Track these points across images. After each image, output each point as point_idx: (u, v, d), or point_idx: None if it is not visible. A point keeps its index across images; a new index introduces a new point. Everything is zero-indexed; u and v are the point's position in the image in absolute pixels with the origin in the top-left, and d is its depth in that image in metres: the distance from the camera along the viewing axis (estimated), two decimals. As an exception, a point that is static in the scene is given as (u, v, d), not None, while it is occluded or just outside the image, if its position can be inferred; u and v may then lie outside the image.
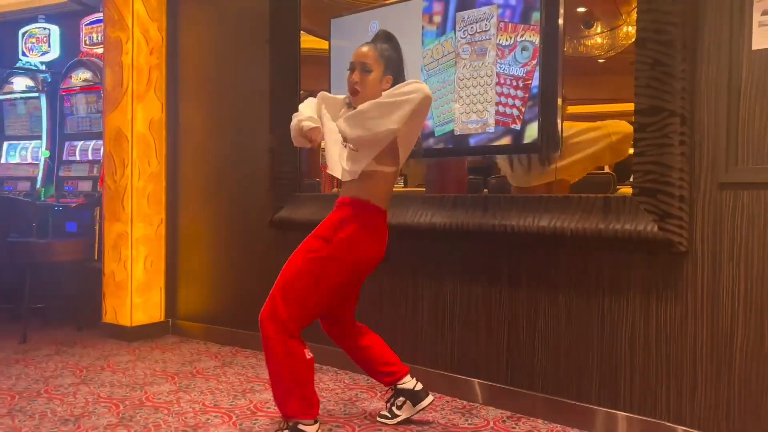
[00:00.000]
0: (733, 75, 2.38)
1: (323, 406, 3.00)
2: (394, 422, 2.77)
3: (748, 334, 2.36)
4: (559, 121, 2.82)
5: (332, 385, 3.36)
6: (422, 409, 2.77)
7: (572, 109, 3.07)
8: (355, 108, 2.46)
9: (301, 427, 2.43)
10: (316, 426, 2.47)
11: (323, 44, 3.72)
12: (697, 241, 2.47)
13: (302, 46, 3.84)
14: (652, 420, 2.58)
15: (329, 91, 2.95)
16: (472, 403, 3.07)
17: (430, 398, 2.77)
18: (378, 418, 2.83)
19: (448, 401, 3.11)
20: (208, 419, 2.84)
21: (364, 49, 2.51)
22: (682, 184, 2.47)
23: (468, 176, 3.47)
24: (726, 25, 2.40)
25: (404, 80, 2.48)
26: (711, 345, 2.45)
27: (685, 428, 2.49)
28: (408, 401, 2.76)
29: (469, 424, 2.81)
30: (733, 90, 2.38)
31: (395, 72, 2.51)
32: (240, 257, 4.22)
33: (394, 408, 2.79)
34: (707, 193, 2.45)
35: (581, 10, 3.26)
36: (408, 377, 2.76)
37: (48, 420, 2.79)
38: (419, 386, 2.76)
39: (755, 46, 2.35)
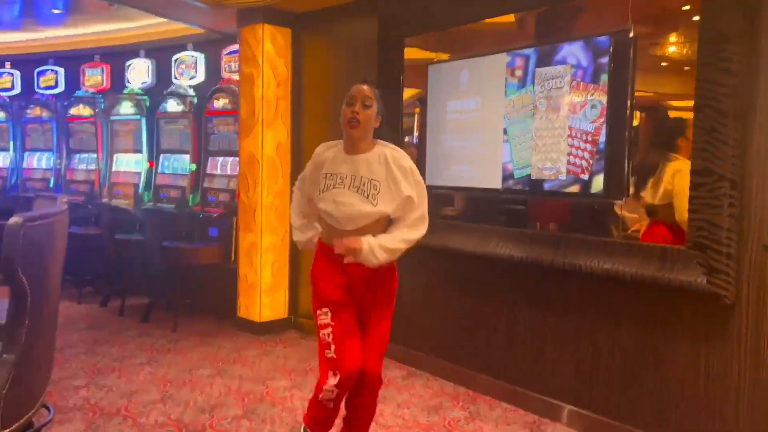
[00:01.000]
0: (781, 146, 2.56)
1: (411, 411, 3.51)
2: None
3: (786, 386, 2.57)
4: (626, 172, 3.09)
5: (421, 391, 3.85)
6: None
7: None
8: (354, 138, 2.61)
9: None
10: None
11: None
12: (743, 296, 2.69)
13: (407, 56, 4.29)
14: (698, 452, 2.85)
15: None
16: (542, 419, 3.45)
17: None
18: None
19: (521, 415, 3.50)
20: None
21: (365, 87, 2.64)
22: (730, 243, 2.69)
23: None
24: (775, 99, 2.58)
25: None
26: (752, 393, 2.68)
27: (726, 463, 2.75)
28: None
29: (534, 438, 3.21)
30: (781, 159, 2.57)
31: (383, 114, 2.70)
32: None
33: None
34: (753, 252, 2.66)
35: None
36: None
37: (190, 409, 3.51)
38: None
39: (802, 121, 2.51)
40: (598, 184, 3.14)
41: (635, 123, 3.08)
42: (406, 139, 4.40)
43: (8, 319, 1.67)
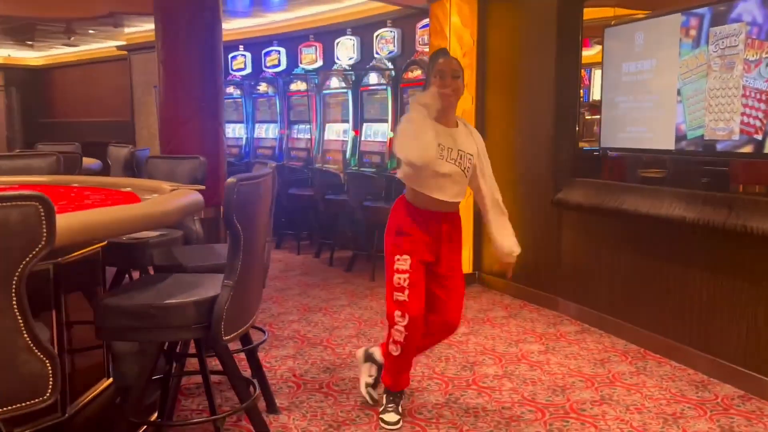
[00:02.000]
0: None
1: (577, 363, 3.74)
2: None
3: None
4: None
5: (591, 346, 4.04)
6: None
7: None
8: (448, 109, 2.79)
9: None
10: None
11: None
12: None
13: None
14: None
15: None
16: (710, 378, 3.48)
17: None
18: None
19: (689, 373, 3.56)
20: (484, 359, 3.81)
21: (453, 61, 2.86)
22: None
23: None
24: None
25: None
26: None
27: None
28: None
29: (698, 396, 3.28)
30: None
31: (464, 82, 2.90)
32: (526, 229, 5.04)
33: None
34: None
35: None
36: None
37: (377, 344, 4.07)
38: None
39: None
40: (772, 144, 3.07)
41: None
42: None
43: (228, 255, 2.25)
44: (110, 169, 6.12)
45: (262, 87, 8.45)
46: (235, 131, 8.94)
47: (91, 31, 9.26)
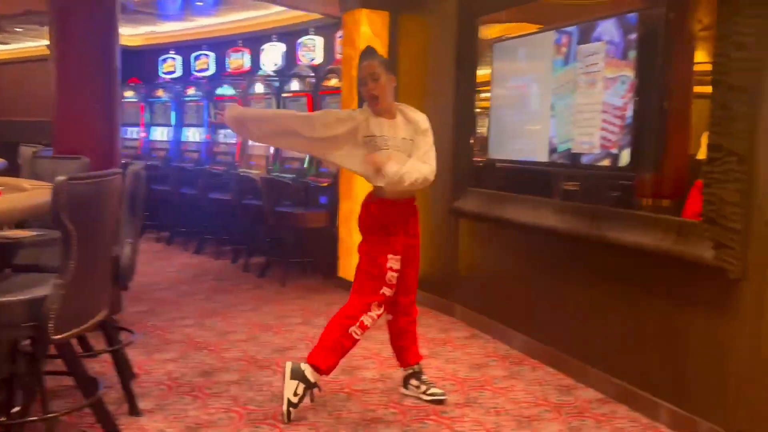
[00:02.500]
0: (786, 120, 2.52)
1: (455, 367, 3.83)
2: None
3: (782, 362, 2.56)
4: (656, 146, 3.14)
5: (475, 351, 4.14)
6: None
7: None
8: (381, 110, 3.12)
9: None
10: None
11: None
12: (749, 271, 2.69)
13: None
14: (704, 422, 2.89)
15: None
16: (577, 383, 3.60)
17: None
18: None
19: (559, 378, 3.68)
20: (366, 363, 3.87)
21: (366, 63, 3.14)
22: (736, 218, 2.69)
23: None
24: (782, 73, 2.53)
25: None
26: (752, 364, 2.68)
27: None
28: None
29: (558, 400, 3.39)
30: (785, 134, 2.53)
31: (391, 73, 3.19)
32: (426, 236, 5.12)
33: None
34: (759, 228, 2.64)
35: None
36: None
37: (266, 349, 4.10)
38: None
39: (806, 94, 2.46)
40: (625, 157, 3.21)
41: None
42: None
43: (60, 254, 2.26)
44: (20, 169, 6.03)
45: (191, 90, 8.42)
46: (163, 134, 8.88)
47: (18, 30, 9.11)
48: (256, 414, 3.14)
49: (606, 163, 3.34)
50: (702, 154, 3.03)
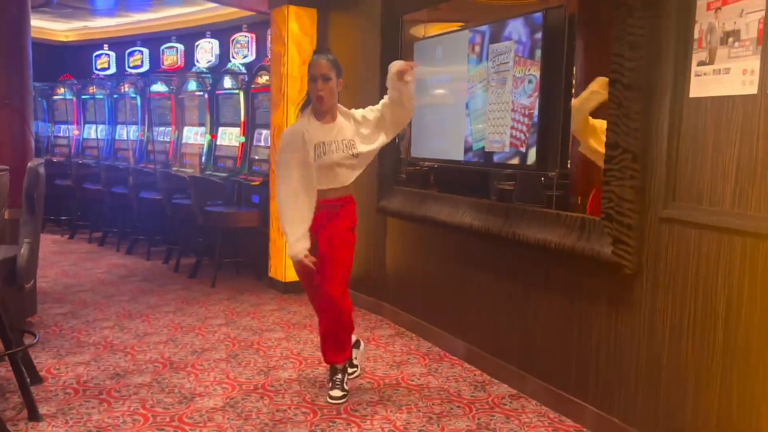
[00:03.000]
0: (675, 119, 2.59)
1: (374, 365, 3.83)
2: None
3: (672, 351, 2.63)
4: (558, 145, 3.19)
5: (397, 349, 4.14)
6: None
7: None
8: (324, 111, 3.16)
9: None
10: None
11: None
12: (643, 266, 2.75)
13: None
14: (606, 416, 2.95)
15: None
16: (492, 379, 3.64)
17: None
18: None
19: (475, 374, 3.71)
20: (284, 363, 3.84)
21: (322, 62, 3.12)
22: (631, 214, 2.75)
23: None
24: (671, 73, 2.59)
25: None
26: (648, 357, 2.75)
27: (632, 428, 2.85)
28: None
29: (471, 396, 3.42)
30: (674, 132, 2.59)
31: (342, 75, 3.21)
32: (357, 235, 5.12)
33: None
34: (652, 224, 2.71)
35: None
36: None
37: (185, 350, 4.03)
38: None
39: (692, 95, 2.52)
40: (533, 155, 3.25)
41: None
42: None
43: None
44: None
45: (124, 87, 8.22)
46: (96, 132, 8.66)
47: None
48: (162, 416, 3.07)
49: (515, 161, 3.37)
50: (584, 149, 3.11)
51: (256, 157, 6.36)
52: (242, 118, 6.58)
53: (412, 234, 4.53)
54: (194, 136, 7.34)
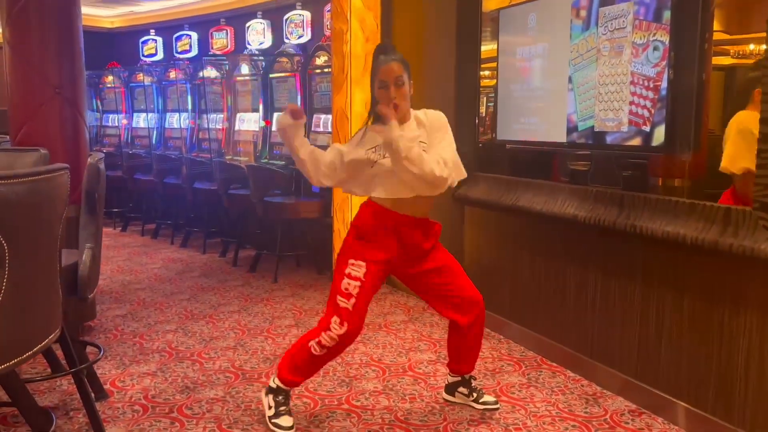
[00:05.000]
0: None
1: (463, 373, 3.43)
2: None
3: None
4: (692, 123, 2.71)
5: (486, 354, 3.74)
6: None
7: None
8: (387, 123, 2.54)
9: None
10: None
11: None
12: (815, 266, 2.28)
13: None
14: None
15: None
16: (603, 390, 3.21)
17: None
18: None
19: (583, 385, 3.29)
20: (366, 372, 3.47)
21: (393, 64, 2.61)
22: (799, 205, 2.28)
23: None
24: None
25: None
26: (822, 378, 2.28)
27: (789, 458, 2.39)
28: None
29: (585, 412, 3.00)
30: None
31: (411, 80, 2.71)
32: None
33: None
34: (829, 216, 2.23)
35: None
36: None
37: (255, 357, 3.70)
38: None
39: None
40: (660, 135, 2.78)
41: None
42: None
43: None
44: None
45: (172, 74, 7.93)
46: (146, 121, 8.41)
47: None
48: (242, 439, 2.74)
49: (636, 141, 2.91)
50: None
51: (317, 144, 5.97)
52: (299, 103, 6.20)
53: (498, 225, 4.10)
54: (248, 122, 7.00)
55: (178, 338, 4.00)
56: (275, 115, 6.48)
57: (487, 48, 4.12)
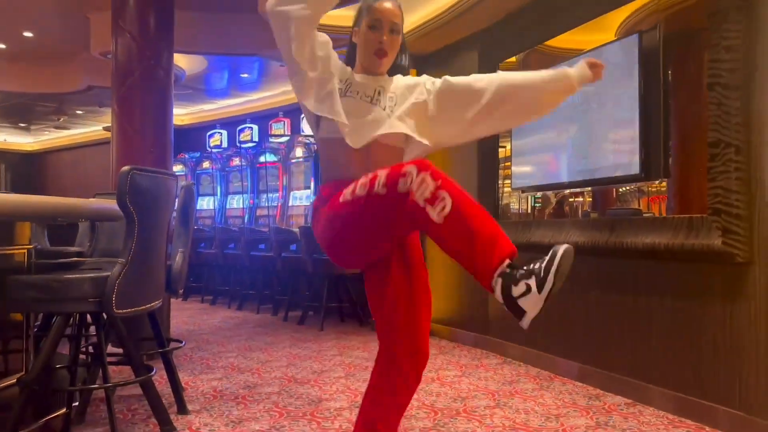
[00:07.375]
0: (775, 109, 2.75)
1: (485, 383, 3.94)
2: None
3: (794, 335, 2.67)
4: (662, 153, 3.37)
5: (506, 372, 4.24)
6: None
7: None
8: (381, 69, 2.11)
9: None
10: None
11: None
12: (755, 253, 2.84)
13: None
14: (727, 410, 2.96)
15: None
16: (604, 392, 3.68)
17: None
18: None
19: (588, 389, 3.76)
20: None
21: (394, 8, 2.10)
22: (739, 205, 2.88)
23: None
24: None
25: None
26: (766, 348, 2.79)
27: (756, 418, 2.85)
28: None
29: (587, 404, 3.48)
30: (775, 122, 2.75)
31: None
32: (458, 270, 5.33)
33: None
34: (761, 212, 2.82)
35: None
36: None
37: (306, 370, 4.28)
38: None
39: (790, 84, 2.70)
40: (636, 167, 3.44)
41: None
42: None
43: (125, 236, 2.58)
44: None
45: (235, 161, 8.96)
46: (209, 203, 9.38)
47: (78, 112, 9.89)
48: (295, 413, 3.32)
49: (619, 173, 3.56)
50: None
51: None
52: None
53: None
54: (300, 198, 7.87)
55: (238, 360, 4.63)
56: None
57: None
